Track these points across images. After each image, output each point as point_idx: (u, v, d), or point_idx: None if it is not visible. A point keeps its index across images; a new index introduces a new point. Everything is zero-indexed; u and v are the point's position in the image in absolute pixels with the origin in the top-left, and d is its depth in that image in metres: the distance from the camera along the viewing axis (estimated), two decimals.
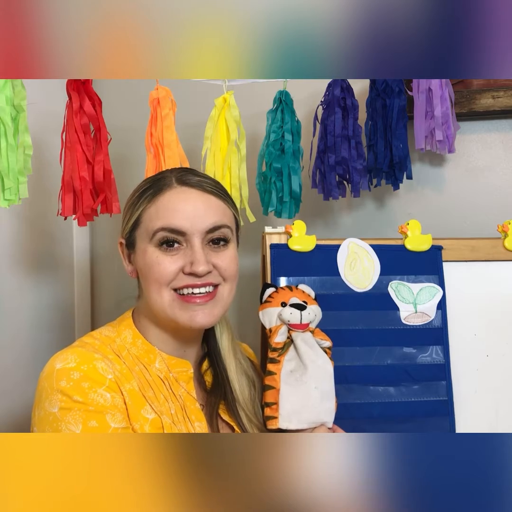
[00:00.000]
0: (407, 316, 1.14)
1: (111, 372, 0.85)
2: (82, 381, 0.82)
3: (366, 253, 1.16)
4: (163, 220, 0.88)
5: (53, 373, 0.82)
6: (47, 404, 0.81)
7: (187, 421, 0.90)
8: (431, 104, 1.24)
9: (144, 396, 0.87)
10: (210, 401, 0.96)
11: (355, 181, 1.27)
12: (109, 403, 0.82)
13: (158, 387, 0.90)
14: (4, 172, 1.06)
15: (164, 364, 0.92)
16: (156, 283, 0.88)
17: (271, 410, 0.93)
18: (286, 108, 1.24)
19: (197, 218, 0.88)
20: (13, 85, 1.06)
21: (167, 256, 0.88)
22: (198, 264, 0.87)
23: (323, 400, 0.94)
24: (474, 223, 1.37)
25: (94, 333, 0.94)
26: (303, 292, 1.04)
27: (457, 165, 1.44)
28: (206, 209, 0.89)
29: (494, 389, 1.14)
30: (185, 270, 0.88)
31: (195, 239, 0.88)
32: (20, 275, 1.40)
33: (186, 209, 0.88)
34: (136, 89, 1.37)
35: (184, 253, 0.89)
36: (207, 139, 1.22)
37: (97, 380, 0.83)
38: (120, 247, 0.96)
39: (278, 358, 0.95)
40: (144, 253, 0.90)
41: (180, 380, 0.93)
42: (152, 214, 0.89)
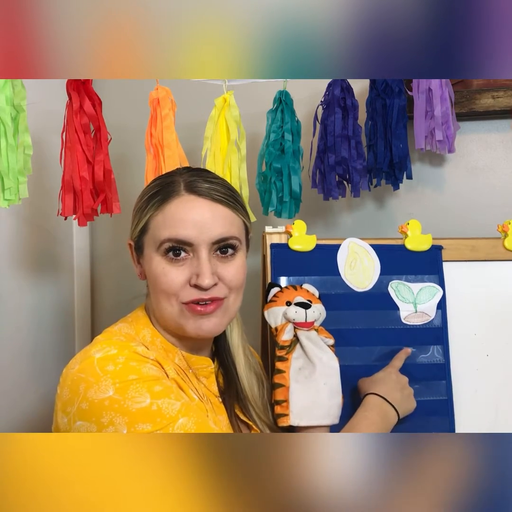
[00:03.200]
0: (407, 316, 1.14)
1: (152, 354, 0.86)
2: (130, 361, 0.81)
3: (366, 253, 1.16)
4: (170, 230, 0.87)
5: (93, 362, 0.80)
6: (94, 392, 0.78)
7: (213, 413, 0.91)
8: (431, 104, 1.24)
9: (183, 380, 0.88)
10: (225, 401, 0.96)
11: (355, 181, 1.27)
12: (161, 374, 0.83)
13: (183, 379, 0.90)
14: (4, 172, 1.06)
15: (184, 361, 0.93)
16: (164, 293, 0.88)
17: (282, 408, 0.94)
18: (286, 108, 1.24)
19: (204, 228, 0.87)
20: (13, 85, 1.06)
21: (174, 267, 0.87)
22: (203, 277, 0.86)
23: (331, 396, 0.95)
24: (474, 223, 1.37)
25: (112, 330, 0.92)
26: (307, 291, 1.04)
27: (457, 165, 1.44)
28: (213, 219, 0.88)
29: (494, 388, 1.14)
30: (191, 282, 0.87)
31: (202, 250, 0.87)
32: (20, 275, 1.40)
33: (193, 218, 0.87)
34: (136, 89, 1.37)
35: (190, 263, 0.88)
36: (207, 139, 1.22)
37: (142, 360, 0.83)
38: (130, 248, 0.96)
39: (286, 356, 0.97)
40: (150, 260, 0.89)
41: (200, 375, 0.94)
42: (159, 222, 0.88)
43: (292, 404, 0.93)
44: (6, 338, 1.35)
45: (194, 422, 0.79)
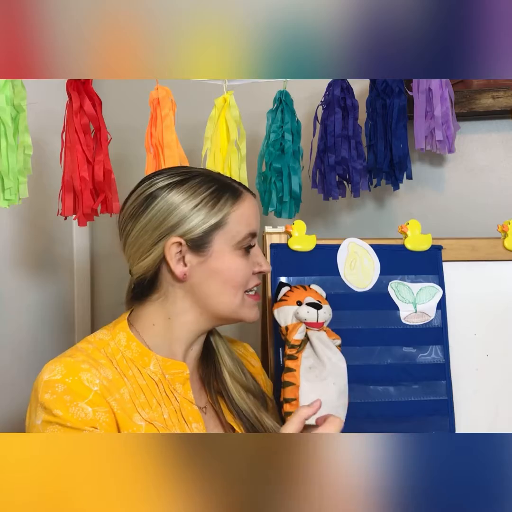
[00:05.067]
0: (407, 316, 1.14)
1: (97, 383, 0.84)
2: (65, 394, 0.82)
3: (366, 253, 1.16)
4: (251, 226, 0.93)
5: (40, 384, 0.84)
6: (33, 415, 0.84)
7: (182, 423, 0.90)
8: (431, 104, 1.24)
9: (134, 404, 0.87)
10: (209, 385, 0.98)
11: (355, 181, 1.27)
12: (90, 418, 0.82)
13: (151, 391, 0.90)
14: (4, 172, 1.06)
15: (158, 367, 0.92)
16: (235, 287, 0.92)
17: (291, 406, 0.95)
18: (286, 108, 1.24)
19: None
20: (13, 85, 1.06)
21: (245, 260, 0.93)
22: (265, 265, 0.96)
23: (340, 396, 0.96)
24: (474, 223, 1.37)
25: (89, 338, 0.94)
26: (316, 292, 1.05)
27: (457, 165, 1.44)
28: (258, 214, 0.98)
29: (494, 389, 1.14)
30: (255, 270, 0.95)
31: (256, 241, 0.95)
32: (20, 275, 1.40)
33: (256, 213, 0.96)
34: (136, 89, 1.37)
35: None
36: (207, 139, 1.22)
37: (80, 393, 0.83)
38: (177, 247, 0.90)
39: (296, 355, 0.97)
40: (223, 255, 0.91)
41: (176, 381, 0.93)
42: (240, 217, 0.92)
43: (302, 402, 0.94)
44: (6, 337, 1.35)
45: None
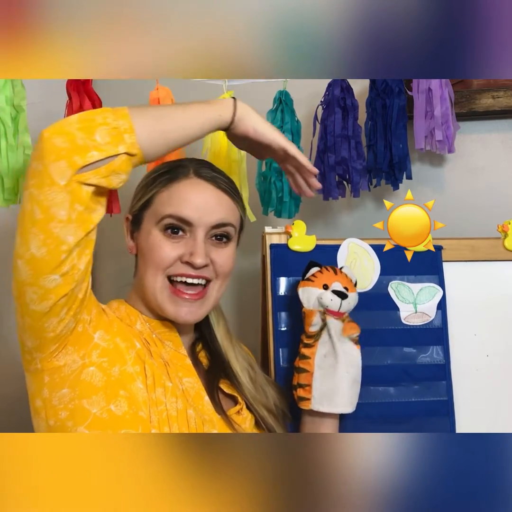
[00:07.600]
0: (407, 316, 1.14)
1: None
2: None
3: (366, 253, 1.16)
4: (173, 208, 0.91)
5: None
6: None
7: (165, 379, 0.89)
8: (431, 104, 1.24)
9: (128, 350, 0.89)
10: (208, 378, 0.97)
11: (355, 181, 1.27)
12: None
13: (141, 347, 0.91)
14: (4, 172, 1.06)
15: (146, 326, 0.94)
16: (153, 267, 0.91)
17: (304, 391, 0.97)
18: (286, 108, 1.24)
19: (206, 211, 0.91)
20: (13, 85, 1.07)
21: (169, 242, 0.91)
22: (197, 256, 0.90)
23: (352, 386, 0.98)
24: (474, 223, 1.37)
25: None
26: (346, 276, 1.04)
27: (457, 165, 1.44)
28: (216, 204, 0.92)
29: (494, 389, 1.14)
30: (183, 259, 0.91)
31: (199, 232, 0.91)
32: None
33: (197, 201, 0.91)
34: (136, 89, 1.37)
35: (186, 242, 0.91)
36: (207, 139, 1.22)
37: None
38: (126, 222, 0.98)
39: (313, 344, 0.99)
40: (148, 234, 0.92)
41: (165, 339, 0.94)
42: (164, 199, 0.92)
43: (314, 389, 0.96)
44: (6, 337, 1.35)
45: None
